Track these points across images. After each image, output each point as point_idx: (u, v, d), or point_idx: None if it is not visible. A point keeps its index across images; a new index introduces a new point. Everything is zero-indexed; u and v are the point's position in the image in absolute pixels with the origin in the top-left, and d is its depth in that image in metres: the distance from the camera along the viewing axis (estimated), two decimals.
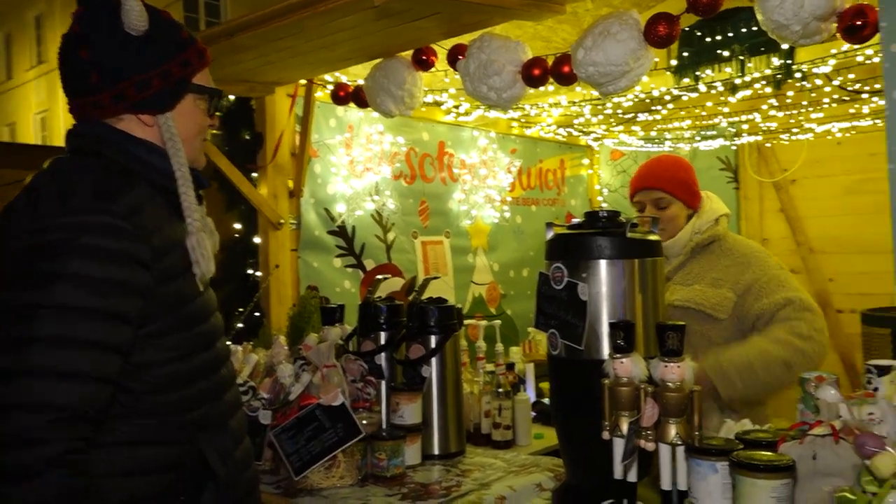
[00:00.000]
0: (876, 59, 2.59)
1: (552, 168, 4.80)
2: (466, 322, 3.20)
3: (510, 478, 1.93)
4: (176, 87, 1.39)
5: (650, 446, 1.42)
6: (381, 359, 2.26)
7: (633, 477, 1.47)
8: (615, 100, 3.22)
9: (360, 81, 2.89)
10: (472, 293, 4.15)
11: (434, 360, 2.22)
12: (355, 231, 3.53)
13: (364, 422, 1.96)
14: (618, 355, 1.47)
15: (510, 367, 3.14)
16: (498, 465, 2.07)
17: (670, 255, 2.41)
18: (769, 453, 1.25)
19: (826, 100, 3.17)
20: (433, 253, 3.93)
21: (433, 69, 2.59)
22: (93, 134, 1.37)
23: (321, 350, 2.08)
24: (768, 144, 4.36)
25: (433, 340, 2.22)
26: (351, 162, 3.51)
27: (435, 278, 2.49)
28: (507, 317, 4.29)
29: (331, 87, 3.02)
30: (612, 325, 1.49)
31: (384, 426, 2.09)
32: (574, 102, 3.36)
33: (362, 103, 2.78)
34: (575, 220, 1.78)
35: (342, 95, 2.88)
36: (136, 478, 1.29)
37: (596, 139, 4.79)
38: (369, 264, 3.58)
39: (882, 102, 3.18)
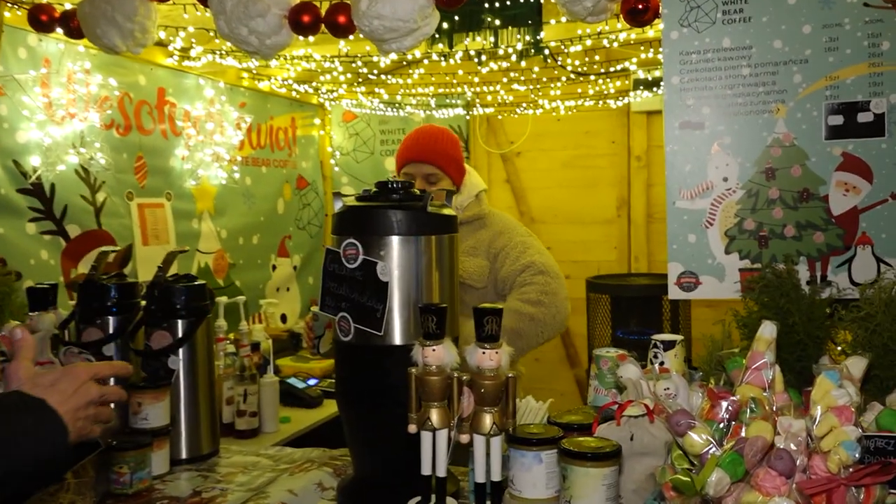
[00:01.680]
0: (616, 45, 2.78)
1: (283, 126, 4.49)
2: None
3: (285, 479, 1.70)
4: None
5: (465, 438, 1.32)
6: (112, 349, 1.89)
7: (442, 471, 1.36)
8: (373, 59, 3.05)
9: (68, 6, 2.34)
10: (198, 263, 3.72)
11: (181, 349, 1.89)
12: (55, 190, 2.91)
13: None
14: (429, 342, 1.34)
15: (255, 346, 2.87)
16: (264, 464, 1.82)
17: None
18: (596, 440, 1.22)
19: (564, 78, 3.37)
20: (152, 217, 3.42)
21: (170, 1, 2.18)
22: None
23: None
24: (499, 117, 4.55)
25: (181, 326, 1.89)
26: (49, 105, 2.87)
27: (183, 252, 2.12)
28: (235, 288, 3.94)
29: (25, 7, 2.39)
30: (422, 310, 1.35)
31: (120, 433, 1.72)
32: (326, 57, 3.11)
33: (74, 33, 2.25)
34: (365, 190, 1.61)
35: (45, 20, 2.29)
36: None
37: (332, 99, 4.58)
38: (73, 230, 3.00)
39: (604, 84, 3.48)
